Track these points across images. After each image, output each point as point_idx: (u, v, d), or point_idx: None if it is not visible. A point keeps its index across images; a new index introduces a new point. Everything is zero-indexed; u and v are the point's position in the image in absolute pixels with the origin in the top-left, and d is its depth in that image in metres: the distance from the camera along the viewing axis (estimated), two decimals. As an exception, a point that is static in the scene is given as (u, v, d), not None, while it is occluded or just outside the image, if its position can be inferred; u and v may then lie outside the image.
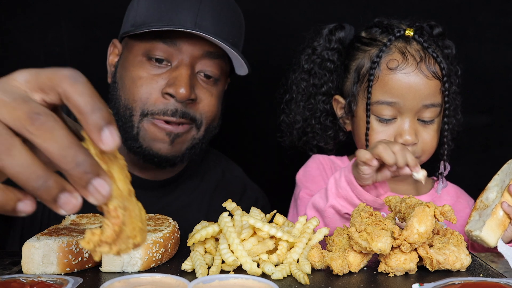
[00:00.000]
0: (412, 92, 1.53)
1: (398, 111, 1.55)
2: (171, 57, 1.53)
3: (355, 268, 1.12)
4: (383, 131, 1.56)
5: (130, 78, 1.55)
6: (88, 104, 0.66)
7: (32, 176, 0.65)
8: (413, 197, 1.18)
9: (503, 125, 2.13)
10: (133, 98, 1.53)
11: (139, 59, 1.55)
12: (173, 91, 1.50)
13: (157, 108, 1.52)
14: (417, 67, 1.54)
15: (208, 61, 1.56)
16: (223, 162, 1.85)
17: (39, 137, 0.64)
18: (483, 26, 2.11)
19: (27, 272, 1.10)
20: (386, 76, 1.55)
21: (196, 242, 1.18)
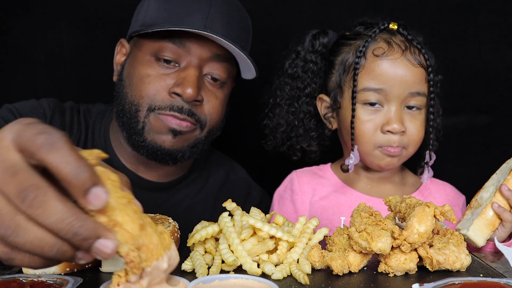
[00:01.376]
0: (398, 78, 1.54)
1: (384, 98, 1.56)
2: (179, 58, 1.55)
3: (355, 268, 1.12)
4: (370, 120, 1.57)
5: (138, 76, 1.56)
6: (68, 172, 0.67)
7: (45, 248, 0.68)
8: (413, 197, 1.18)
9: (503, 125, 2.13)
10: (140, 94, 1.54)
11: (148, 59, 1.56)
12: (180, 90, 1.51)
13: (164, 104, 1.53)
14: (403, 55, 1.56)
15: (216, 63, 1.57)
16: (227, 164, 1.86)
17: (32, 214, 0.66)
18: (483, 26, 2.11)
19: (27, 272, 1.10)
20: (372, 63, 1.57)
21: (196, 242, 1.18)
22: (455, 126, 2.12)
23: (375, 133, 1.58)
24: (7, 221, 0.66)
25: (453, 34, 2.11)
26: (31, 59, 2.20)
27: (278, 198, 1.75)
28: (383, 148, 1.58)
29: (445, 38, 2.11)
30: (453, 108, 2.09)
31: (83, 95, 2.07)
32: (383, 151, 1.59)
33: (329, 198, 1.69)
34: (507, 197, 1.38)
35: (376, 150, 1.60)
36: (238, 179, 1.84)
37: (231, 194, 1.78)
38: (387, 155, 1.60)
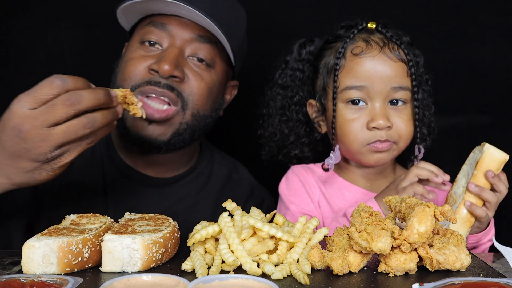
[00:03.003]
0: (378, 74, 1.56)
1: (367, 95, 1.57)
2: (162, 40, 1.58)
3: (355, 268, 1.12)
4: (356, 118, 1.59)
5: (124, 61, 1.61)
6: None
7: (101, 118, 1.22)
8: (413, 197, 1.18)
9: (503, 125, 2.13)
10: (124, 77, 1.58)
11: (135, 46, 1.61)
12: (156, 66, 1.53)
13: (142, 80, 1.55)
14: (381, 51, 1.58)
15: (199, 44, 1.59)
16: (230, 163, 1.86)
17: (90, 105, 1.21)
18: (483, 26, 2.11)
19: (27, 272, 1.10)
20: (351, 62, 1.59)
21: (196, 242, 1.18)
22: (455, 126, 2.12)
23: (361, 131, 1.59)
24: None
25: (453, 34, 2.11)
26: (31, 59, 2.20)
27: (287, 190, 1.72)
28: (370, 145, 1.59)
29: (445, 38, 2.11)
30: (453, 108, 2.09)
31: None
32: (371, 148, 1.60)
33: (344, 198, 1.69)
34: (476, 193, 1.41)
35: (364, 148, 1.60)
36: (241, 178, 1.84)
37: (234, 193, 1.78)
38: (375, 152, 1.60)
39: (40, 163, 1.20)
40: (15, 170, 1.21)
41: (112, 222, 1.29)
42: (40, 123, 1.16)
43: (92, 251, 1.15)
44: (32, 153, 1.18)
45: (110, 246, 1.12)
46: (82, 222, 1.28)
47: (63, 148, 1.19)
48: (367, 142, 1.59)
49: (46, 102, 1.17)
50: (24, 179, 1.23)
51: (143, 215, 1.33)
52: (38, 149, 1.17)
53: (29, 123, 1.16)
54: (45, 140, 1.17)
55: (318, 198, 1.70)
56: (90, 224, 1.26)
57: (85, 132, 1.19)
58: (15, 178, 1.23)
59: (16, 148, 1.18)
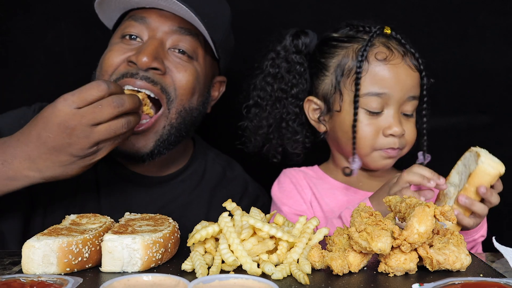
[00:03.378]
0: (400, 83, 1.58)
1: (385, 102, 1.58)
2: (142, 33, 1.57)
3: (355, 268, 1.12)
4: (372, 123, 1.59)
5: (104, 56, 1.60)
6: None
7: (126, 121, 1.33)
8: (413, 197, 1.18)
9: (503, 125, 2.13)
10: (101, 72, 1.57)
11: (116, 41, 1.61)
12: (135, 58, 1.52)
13: (120, 73, 1.54)
14: (403, 59, 1.59)
15: (179, 36, 1.57)
16: (224, 161, 1.85)
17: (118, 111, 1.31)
18: (483, 26, 2.11)
19: (27, 272, 1.10)
20: (375, 68, 1.58)
21: (196, 242, 1.18)
22: (455, 126, 2.12)
23: (377, 136, 1.59)
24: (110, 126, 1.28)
25: (453, 34, 2.11)
26: (31, 59, 2.20)
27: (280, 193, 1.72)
28: (383, 150, 1.61)
29: (445, 38, 2.11)
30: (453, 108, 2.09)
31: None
32: (383, 154, 1.62)
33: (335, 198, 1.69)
34: (466, 206, 1.43)
35: (374, 152, 1.62)
36: (235, 176, 1.83)
37: (228, 191, 1.76)
38: (386, 157, 1.62)
39: (77, 158, 1.30)
40: (50, 164, 1.30)
41: (112, 222, 1.29)
42: (86, 121, 1.26)
43: (92, 251, 1.15)
44: (73, 148, 1.28)
45: (110, 246, 1.12)
46: (82, 222, 1.28)
47: (99, 145, 1.31)
48: (380, 148, 1.60)
49: (91, 103, 1.27)
50: (56, 172, 1.31)
51: (143, 215, 1.33)
52: (80, 144, 1.27)
53: (76, 120, 1.26)
54: (88, 136, 1.27)
55: (310, 199, 1.70)
56: (90, 224, 1.26)
57: (123, 131, 1.31)
58: (48, 172, 1.31)
59: (59, 143, 1.27)
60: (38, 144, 1.28)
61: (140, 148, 1.56)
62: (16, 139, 1.31)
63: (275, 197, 1.72)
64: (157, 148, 1.58)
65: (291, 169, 1.77)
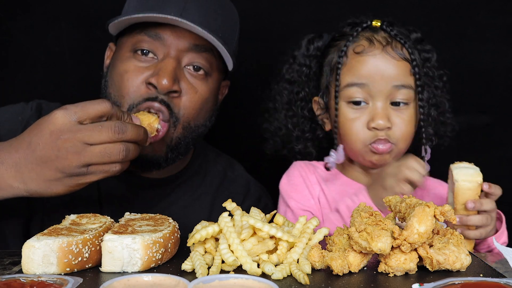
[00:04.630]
0: (379, 73, 1.56)
1: (368, 94, 1.57)
2: (156, 49, 1.54)
3: (355, 268, 1.12)
4: (356, 118, 1.59)
5: (118, 73, 1.55)
6: None
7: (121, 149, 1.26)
8: (413, 197, 1.18)
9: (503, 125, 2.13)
10: (121, 93, 1.53)
11: (127, 55, 1.56)
12: (155, 81, 1.49)
13: (140, 98, 1.52)
14: (383, 50, 1.58)
15: (195, 54, 1.55)
16: (225, 161, 1.85)
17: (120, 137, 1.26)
18: (483, 26, 2.11)
19: (27, 272, 1.10)
20: (352, 60, 1.59)
21: (196, 242, 1.18)
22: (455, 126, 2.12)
23: (362, 130, 1.59)
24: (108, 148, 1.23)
25: (453, 34, 2.11)
26: (31, 59, 2.20)
27: (288, 186, 1.72)
28: (371, 145, 1.59)
29: (445, 38, 2.11)
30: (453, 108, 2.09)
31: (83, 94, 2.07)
32: (372, 149, 1.59)
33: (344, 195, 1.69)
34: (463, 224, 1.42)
35: (365, 148, 1.60)
36: (237, 176, 1.82)
37: (230, 192, 1.76)
38: (374, 153, 1.60)
39: (64, 175, 1.23)
40: (35, 176, 1.23)
41: (112, 222, 1.29)
42: (82, 136, 1.21)
43: (92, 251, 1.15)
44: (60, 163, 1.21)
45: (110, 246, 1.12)
46: (82, 222, 1.28)
47: (90, 168, 1.24)
48: (368, 142, 1.59)
49: (93, 118, 1.24)
50: (40, 188, 1.25)
51: (143, 215, 1.33)
52: (68, 161, 1.21)
53: (71, 133, 1.21)
54: (78, 153, 1.21)
55: (318, 194, 1.70)
56: (90, 224, 1.26)
57: (118, 158, 1.24)
58: (32, 185, 1.24)
59: (47, 153, 1.21)
60: (27, 151, 1.22)
61: (156, 153, 1.56)
62: (9, 144, 1.26)
63: (283, 190, 1.72)
64: (169, 155, 1.58)
65: (301, 162, 1.76)
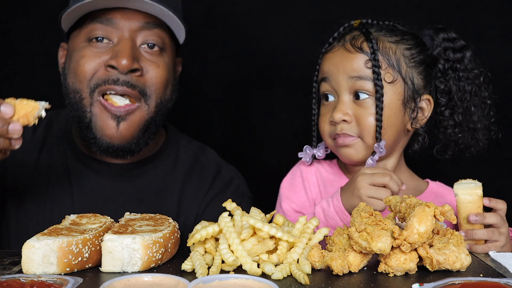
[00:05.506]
0: (336, 65, 1.60)
1: (333, 88, 1.60)
2: (110, 34, 1.57)
3: (355, 268, 1.12)
4: (325, 112, 1.63)
5: (75, 61, 1.58)
6: None
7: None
8: (413, 197, 1.18)
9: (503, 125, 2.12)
10: (79, 79, 1.56)
11: (82, 45, 1.59)
12: (114, 62, 1.53)
13: (100, 80, 1.55)
14: (343, 46, 1.61)
15: (147, 31, 1.59)
16: (196, 147, 1.84)
17: None
18: (483, 26, 2.11)
19: (27, 272, 1.10)
20: (321, 60, 1.66)
21: (196, 242, 1.18)
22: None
23: (327, 125, 1.62)
24: None
25: (453, 34, 2.11)
26: (31, 59, 2.20)
27: (287, 186, 1.73)
28: (335, 140, 1.60)
29: (445, 38, 2.10)
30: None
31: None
32: (336, 143, 1.61)
33: None
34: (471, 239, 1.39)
35: (332, 142, 1.62)
36: (208, 160, 1.82)
37: (199, 175, 1.76)
38: (339, 147, 1.60)
39: None
40: None
41: (112, 222, 1.30)
42: None
43: (92, 251, 1.15)
44: None
45: (110, 246, 1.12)
46: (82, 222, 1.28)
47: None
48: (331, 136, 1.61)
49: None
50: None
51: (143, 215, 1.34)
52: None
53: None
54: None
55: (315, 197, 1.70)
56: (90, 224, 1.26)
57: None
58: None
59: None
60: None
61: (128, 138, 1.59)
62: None
63: (281, 190, 1.74)
64: (141, 138, 1.61)
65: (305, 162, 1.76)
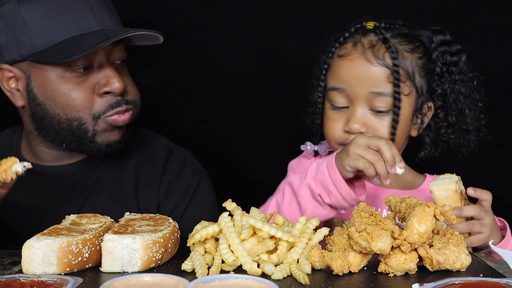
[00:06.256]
0: (356, 78, 1.55)
1: (348, 98, 1.57)
2: (91, 61, 1.59)
3: (355, 268, 1.13)
4: (335, 119, 1.60)
5: (62, 95, 1.58)
6: None
7: None
8: (413, 197, 1.18)
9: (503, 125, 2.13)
10: (76, 109, 1.59)
11: (62, 75, 1.58)
12: (109, 89, 1.59)
13: (104, 107, 1.60)
14: (363, 54, 1.56)
15: (117, 48, 1.63)
16: (145, 134, 1.87)
17: None
18: (483, 26, 2.11)
19: (27, 272, 1.10)
20: (335, 63, 1.61)
21: (196, 242, 1.18)
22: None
23: (338, 132, 1.59)
24: None
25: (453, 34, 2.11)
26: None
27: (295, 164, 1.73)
28: None
29: (445, 38, 2.11)
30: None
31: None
32: None
33: None
34: None
35: (339, 147, 1.59)
36: (157, 144, 1.84)
37: (150, 158, 1.78)
38: None
39: None
40: None
41: (112, 222, 1.30)
42: None
43: (92, 251, 1.15)
44: None
45: (110, 246, 1.12)
46: (82, 222, 1.28)
47: None
48: (341, 143, 1.58)
49: None
50: None
51: (143, 215, 1.34)
52: None
53: None
54: None
55: None
56: (90, 224, 1.26)
57: None
58: None
59: None
60: None
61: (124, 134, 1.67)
62: None
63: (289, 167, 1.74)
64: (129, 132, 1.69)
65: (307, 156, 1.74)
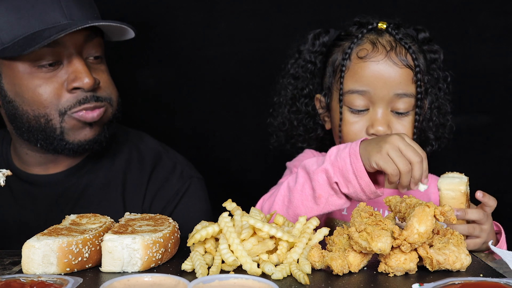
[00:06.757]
0: (381, 80, 1.53)
1: (370, 100, 1.55)
2: (59, 56, 1.55)
3: (355, 268, 1.13)
4: (356, 122, 1.56)
5: (29, 90, 1.55)
6: None
7: None
8: (413, 197, 1.18)
9: (503, 125, 2.13)
10: (43, 105, 1.55)
11: (29, 71, 1.55)
12: (78, 84, 1.54)
13: (71, 102, 1.56)
14: (387, 55, 1.54)
15: (90, 43, 1.59)
16: (135, 137, 1.84)
17: None
18: (483, 26, 2.11)
19: (27, 272, 1.10)
20: (356, 65, 1.56)
21: (196, 242, 1.18)
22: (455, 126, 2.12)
23: (360, 134, 1.56)
24: None
25: (453, 34, 2.11)
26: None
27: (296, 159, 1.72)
28: None
29: (445, 38, 2.11)
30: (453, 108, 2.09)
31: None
32: None
33: None
34: None
35: None
36: (147, 149, 1.81)
37: (139, 163, 1.76)
38: None
39: None
40: None
41: (112, 222, 1.30)
42: None
43: (92, 251, 1.15)
44: None
45: (110, 246, 1.12)
46: (82, 222, 1.28)
47: None
48: None
49: None
50: None
51: (143, 215, 1.34)
52: None
53: None
54: None
55: None
56: (90, 224, 1.26)
57: None
58: None
59: None
60: None
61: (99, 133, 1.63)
62: None
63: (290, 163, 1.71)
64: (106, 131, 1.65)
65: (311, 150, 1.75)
